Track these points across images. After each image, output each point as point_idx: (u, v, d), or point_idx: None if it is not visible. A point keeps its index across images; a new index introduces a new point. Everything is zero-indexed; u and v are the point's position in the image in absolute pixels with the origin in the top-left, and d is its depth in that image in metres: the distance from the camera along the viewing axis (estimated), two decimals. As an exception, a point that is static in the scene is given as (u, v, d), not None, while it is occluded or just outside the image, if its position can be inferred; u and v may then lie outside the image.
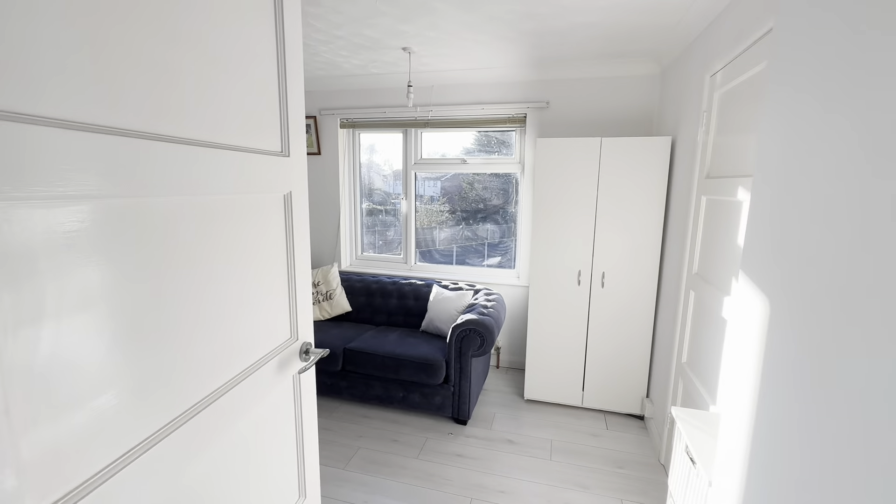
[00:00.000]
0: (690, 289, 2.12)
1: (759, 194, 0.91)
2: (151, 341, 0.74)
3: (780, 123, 0.86)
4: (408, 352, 2.76)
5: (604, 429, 2.74)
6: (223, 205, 0.90)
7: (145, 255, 0.73)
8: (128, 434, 0.71)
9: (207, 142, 0.85)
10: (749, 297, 0.91)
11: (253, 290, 1.00)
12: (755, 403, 0.85)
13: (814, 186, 0.73)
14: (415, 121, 3.54)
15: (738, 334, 0.94)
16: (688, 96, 2.33)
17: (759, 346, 0.85)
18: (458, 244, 3.86)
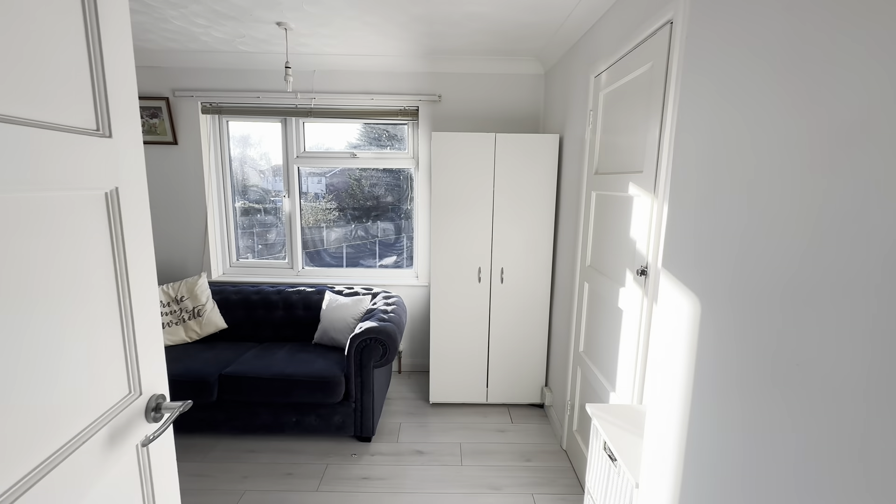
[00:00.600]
0: (584, 280, 2.21)
1: (678, 195, 0.89)
2: None
3: (700, 118, 0.83)
4: (300, 370, 2.43)
5: (509, 423, 2.77)
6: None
7: None
8: None
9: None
10: (674, 295, 0.88)
11: (52, 335, 0.67)
12: (688, 406, 0.83)
13: (736, 183, 0.71)
14: (295, 109, 3.15)
15: (665, 333, 0.92)
16: (573, 96, 2.43)
17: (690, 346, 0.82)
18: (350, 244, 3.58)
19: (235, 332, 2.98)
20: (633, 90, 1.69)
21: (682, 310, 0.85)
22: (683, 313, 0.84)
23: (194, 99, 3.12)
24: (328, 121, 3.26)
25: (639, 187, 1.60)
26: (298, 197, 3.39)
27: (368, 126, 3.38)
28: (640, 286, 1.56)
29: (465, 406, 2.96)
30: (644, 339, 1.54)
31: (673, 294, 0.89)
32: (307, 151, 3.33)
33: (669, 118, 1.39)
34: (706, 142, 0.80)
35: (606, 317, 1.92)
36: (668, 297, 0.90)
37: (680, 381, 0.86)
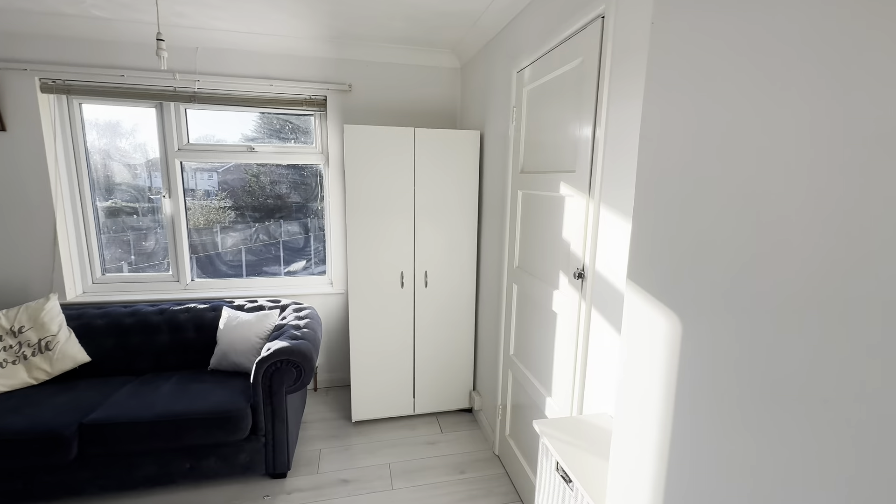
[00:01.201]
0: (513, 282, 2.15)
1: (645, 198, 0.81)
2: None
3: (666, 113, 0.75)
4: (193, 406, 2.03)
5: (439, 433, 2.64)
6: None
7: None
8: None
9: None
10: (645, 310, 0.79)
11: None
12: (669, 426, 0.74)
13: (704, 185, 0.63)
14: (174, 92, 2.64)
15: (636, 353, 0.83)
16: (494, 91, 2.35)
17: (669, 369, 0.74)
18: (251, 250, 3.14)
19: (103, 367, 2.42)
20: (561, 87, 1.64)
21: (657, 327, 0.77)
22: (659, 331, 0.76)
23: (29, 73, 2.44)
24: (217, 108, 2.80)
25: (571, 187, 1.55)
26: (183, 196, 2.87)
27: (269, 116, 2.98)
28: (577, 289, 1.52)
29: (392, 420, 2.76)
30: (583, 344, 1.50)
31: (643, 309, 0.80)
32: (192, 144, 2.83)
33: (604, 116, 1.34)
34: (681, 137, 0.72)
35: (539, 320, 1.87)
36: (636, 312, 0.82)
37: (656, 400, 0.78)
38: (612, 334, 1.33)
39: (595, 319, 1.43)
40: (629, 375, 0.85)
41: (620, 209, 1.27)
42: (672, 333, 0.73)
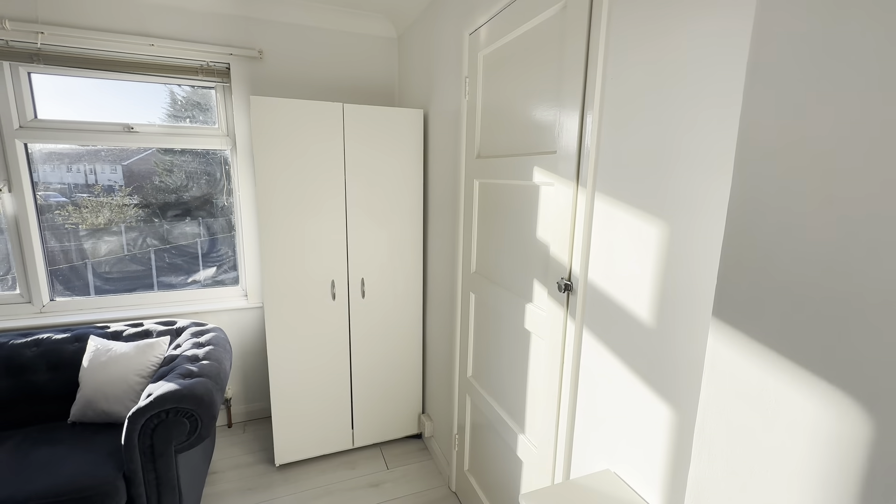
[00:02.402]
0: (470, 290, 1.79)
1: (755, 184, 0.46)
2: None
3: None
4: (32, 485, 1.43)
5: (384, 470, 2.22)
6: None
7: None
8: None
9: None
10: (750, 367, 0.45)
11: None
12: None
13: None
14: (6, 46, 1.94)
15: (724, 427, 0.49)
16: (440, 61, 1.96)
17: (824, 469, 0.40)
18: (147, 259, 2.48)
19: None
20: (532, 45, 1.28)
21: (790, 404, 0.42)
22: (794, 412, 0.42)
23: None
24: (74, 73, 2.12)
25: (550, 173, 1.21)
26: (31, 190, 2.16)
27: (163, 91, 2.33)
28: (561, 305, 1.18)
29: (327, 458, 2.30)
30: (571, 375, 1.17)
31: (747, 368, 0.46)
32: (42, 119, 2.12)
33: (599, 79, 1.00)
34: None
35: (506, 338, 1.53)
36: (737, 372, 0.48)
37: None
38: (621, 370, 1.01)
39: (589, 345, 1.10)
40: (715, 472, 0.51)
41: (630, 201, 0.94)
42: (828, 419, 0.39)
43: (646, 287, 0.91)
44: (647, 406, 0.93)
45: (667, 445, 0.89)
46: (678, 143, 0.83)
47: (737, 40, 0.71)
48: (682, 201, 0.82)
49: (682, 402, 0.85)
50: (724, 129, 0.74)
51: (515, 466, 1.51)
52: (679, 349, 0.85)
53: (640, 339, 0.94)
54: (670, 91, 0.84)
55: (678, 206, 0.83)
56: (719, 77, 0.74)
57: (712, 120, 0.76)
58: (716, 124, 0.76)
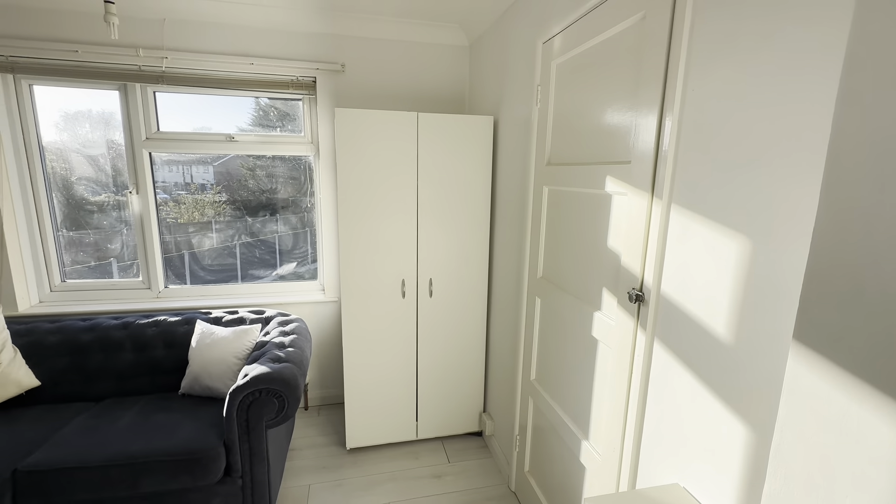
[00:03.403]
0: (536, 295, 1.81)
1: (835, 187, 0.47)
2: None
3: None
4: (153, 445, 1.69)
5: (445, 463, 2.31)
6: None
7: None
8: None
9: None
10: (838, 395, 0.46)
11: None
12: None
13: None
14: (139, 71, 2.28)
15: (801, 455, 0.49)
16: (511, 69, 2.00)
17: None
18: (235, 252, 2.79)
19: (55, 391, 2.08)
20: (608, 54, 1.29)
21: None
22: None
23: (-36, 48, 2.08)
24: (190, 90, 2.43)
25: (623, 183, 1.21)
26: (153, 192, 2.52)
27: (261, 104, 2.61)
28: (631, 315, 1.18)
29: (392, 447, 2.44)
30: (640, 386, 1.16)
31: (833, 396, 0.46)
32: (162, 132, 2.47)
33: (679, 89, 1.00)
34: None
35: (572, 345, 1.54)
36: (819, 400, 0.48)
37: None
38: (694, 384, 0.99)
39: (660, 357, 1.09)
40: (790, 494, 0.52)
41: (709, 214, 0.93)
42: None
43: (723, 302, 0.90)
44: (720, 422, 0.91)
45: (740, 463, 0.87)
46: (764, 157, 0.81)
47: (831, 49, 0.69)
48: (767, 217, 0.80)
49: (757, 421, 0.83)
50: (814, 142, 0.72)
51: (578, 472, 1.52)
52: (757, 367, 0.83)
53: (715, 355, 0.92)
54: (756, 103, 0.82)
55: (762, 222, 0.81)
56: (811, 87, 0.72)
57: (802, 132, 0.74)
58: (805, 136, 0.73)
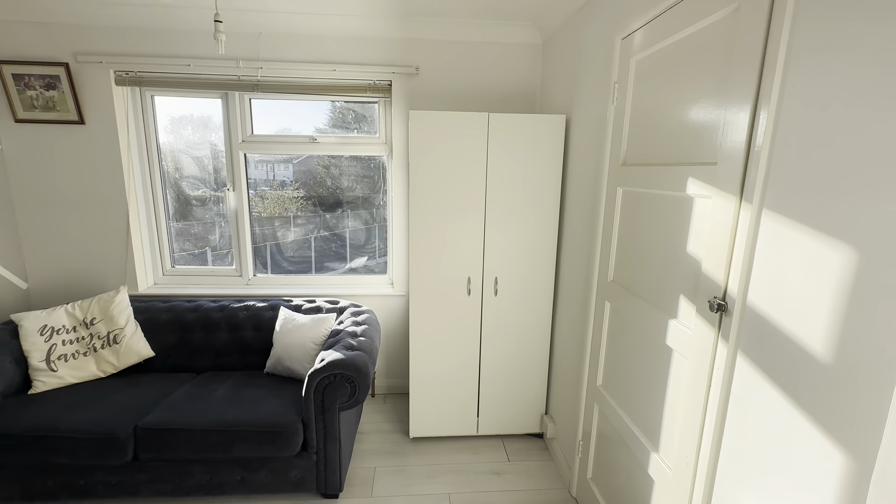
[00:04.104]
0: (605, 299, 1.76)
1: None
2: None
3: None
4: (243, 416, 1.90)
5: (505, 461, 2.33)
6: None
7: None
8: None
9: None
10: None
11: None
12: None
13: None
14: (238, 81, 2.54)
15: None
16: (586, 66, 1.95)
17: None
18: (313, 245, 3.01)
19: (165, 362, 2.39)
20: (693, 49, 1.22)
21: None
22: None
23: (104, 66, 2.45)
24: (279, 97, 2.66)
25: (708, 185, 1.14)
26: (246, 189, 2.79)
27: (336, 106, 2.80)
28: (712, 326, 1.12)
29: (453, 440, 2.50)
30: (719, 401, 1.10)
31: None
32: (255, 135, 2.72)
33: (777, 88, 0.93)
34: None
35: (644, 353, 1.48)
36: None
37: None
38: (783, 402, 0.92)
39: (744, 371, 1.03)
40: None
41: (809, 222, 0.86)
42: None
43: (822, 318, 0.83)
44: (811, 446, 0.84)
45: (833, 491, 0.80)
46: (881, 162, 0.73)
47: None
48: (880, 227, 0.73)
49: (856, 446, 0.76)
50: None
51: (646, 484, 1.46)
52: (857, 389, 0.75)
53: (809, 373, 0.85)
54: (875, 105, 0.74)
55: (873, 235, 0.74)
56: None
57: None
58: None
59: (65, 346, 2.18)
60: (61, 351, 2.16)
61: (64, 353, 2.16)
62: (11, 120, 2.46)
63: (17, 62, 2.36)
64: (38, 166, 2.54)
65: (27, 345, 2.11)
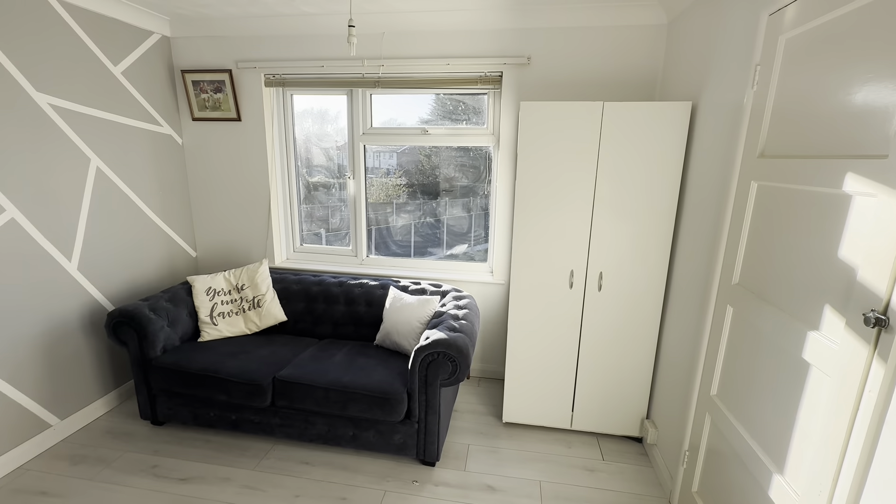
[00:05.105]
0: (727, 303, 1.62)
1: None
2: None
3: None
4: (358, 380, 2.14)
5: (599, 459, 2.28)
6: None
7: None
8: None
9: None
10: None
11: None
12: None
13: None
14: (362, 78, 2.78)
15: None
16: (721, 47, 1.78)
17: None
18: (418, 231, 3.21)
19: (294, 326, 2.77)
20: (862, 24, 1.06)
21: None
22: None
23: (257, 71, 2.86)
24: (398, 91, 2.86)
25: (872, 181, 1.00)
26: (364, 179, 3.07)
27: (440, 98, 2.93)
28: (866, 342, 0.99)
29: (545, 430, 2.52)
30: (868, 427, 0.97)
31: None
32: (374, 128, 2.97)
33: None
34: None
35: (773, 365, 1.35)
36: None
37: None
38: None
39: (905, 397, 0.89)
40: None
41: None
42: None
43: None
44: None
45: None
46: None
47: None
48: None
49: None
50: None
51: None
52: None
53: None
54: None
55: None
56: None
57: None
58: None
59: (223, 306, 2.65)
60: (220, 309, 2.63)
61: (222, 311, 2.63)
62: (190, 119, 3.02)
63: (195, 70, 2.88)
64: (205, 157, 3.08)
65: (197, 302, 2.61)
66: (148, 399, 2.39)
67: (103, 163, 2.49)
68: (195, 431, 2.43)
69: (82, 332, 2.43)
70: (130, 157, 2.66)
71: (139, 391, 2.39)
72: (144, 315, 2.31)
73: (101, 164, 2.48)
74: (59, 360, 2.32)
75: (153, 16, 2.70)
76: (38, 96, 2.13)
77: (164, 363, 2.28)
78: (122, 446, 2.30)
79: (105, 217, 2.52)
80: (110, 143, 2.53)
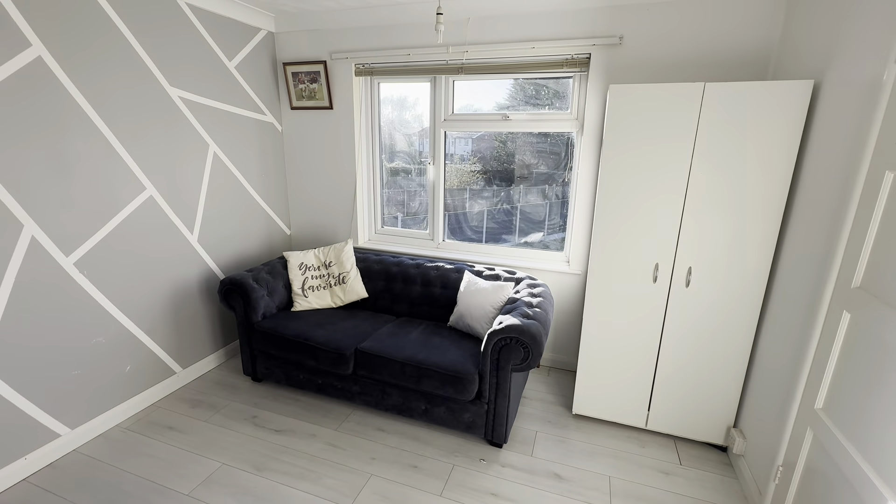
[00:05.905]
0: (842, 308, 1.44)
1: None
2: None
3: None
4: (432, 358, 2.24)
5: (676, 463, 2.18)
6: None
7: None
8: None
9: None
10: None
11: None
12: None
13: None
14: (446, 65, 2.83)
15: None
16: (858, 12, 1.54)
17: None
18: (494, 217, 3.22)
19: (374, 303, 2.95)
20: None
21: None
22: None
23: (349, 61, 3.03)
24: (481, 77, 2.86)
25: None
26: (443, 164, 3.14)
27: (520, 83, 2.87)
28: None
29: (617, 427, 2.44)
30: None
31: None
32: (455, 114, 3.01)
33: None
34: None
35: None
36: None
37: None
38: None
39: None
40: None
41: None
42: None
43: None
44: None
45: None
46: None
47: None
48: None
49: None
50: None
51: (873, 537, 1.21)
52: None
53: None
54: None
55: None
56: None
57: None
58: None
59: (313, 280, 2.90)
60: (310, 283, 2.89)
61: (312, 284, 2.89)
62: (289, 107, 3.29)
63: (295, 63, 3.12)
64: (301, 143, 3.35)
65: (291, 275, 2.88)
66: (250, 358, 2.71)
67: (219, 148, 2.82)
68: (287, 390, 2.72)
69: (200, 295, 2.82)
70: (239, 143, 2.99)
71: (243, 350, 2.72)
72: (249, 284, 2.61)
73: (217, 150, 2.81)
74: (182, 318, 2.71)
75: (261, 13, 2.97)
76: (171, 90, 2.47)
77: (264, 327, 2.57)
78: (228, 396, 2.65)
79: (219, 196, 2.87)
80: (224, 130, 2.85)
